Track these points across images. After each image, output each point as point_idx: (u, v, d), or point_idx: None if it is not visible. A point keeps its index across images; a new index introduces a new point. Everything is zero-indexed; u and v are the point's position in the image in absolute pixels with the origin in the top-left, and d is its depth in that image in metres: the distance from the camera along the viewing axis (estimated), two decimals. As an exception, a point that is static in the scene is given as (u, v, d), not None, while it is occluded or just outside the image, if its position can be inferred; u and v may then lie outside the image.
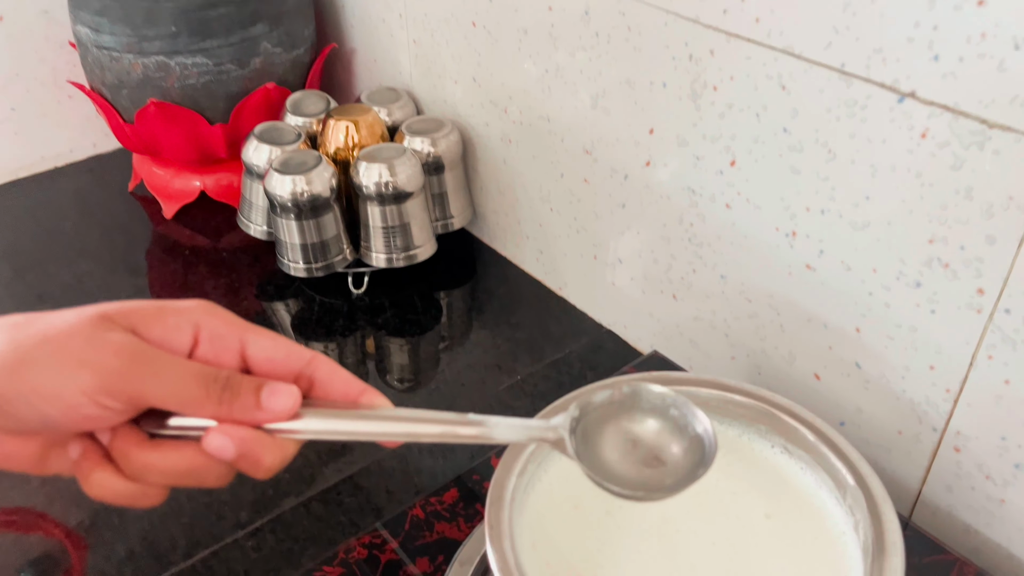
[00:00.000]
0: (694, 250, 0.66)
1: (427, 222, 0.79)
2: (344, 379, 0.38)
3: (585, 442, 0.39)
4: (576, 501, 0.45)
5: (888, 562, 0.37)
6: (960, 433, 0.54)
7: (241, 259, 0.88)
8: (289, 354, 0.37)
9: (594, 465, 0.38)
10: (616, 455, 0.39)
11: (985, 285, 0.49)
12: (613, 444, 0.39)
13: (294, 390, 0.36)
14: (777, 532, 0.43)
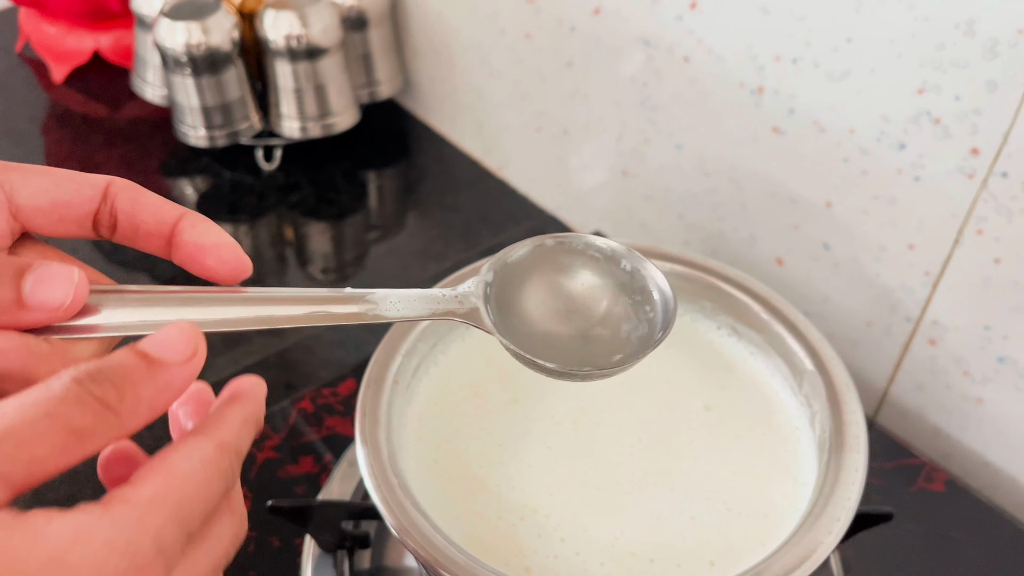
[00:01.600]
0: (647, 115, 0.57)
1: (347, 86, 0.69)
2: (153, 206, 0.28)
3: (504, 313, 0.29)
4: (477, 388, 0.37)
5: (847, 458, 0.30)
6: (937, 323, 0.47)
7: (141, 130, 0.77)
8: (78, 192, 0.27)
9: (518, 340, 0.28)
10: (544, 326, 0.29)
11: (980, 144, 0.41)
12: (539, 313, 0.29)
13: (71, 273, 0.25)
14: (718, 425, 0.35)
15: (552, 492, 0.33)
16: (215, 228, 0.28)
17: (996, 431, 0.47)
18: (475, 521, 0.32)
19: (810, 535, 0.28)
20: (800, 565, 0.28)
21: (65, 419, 0.19)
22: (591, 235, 0.30)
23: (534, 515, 0.32)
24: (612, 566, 0.30)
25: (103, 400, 0.20)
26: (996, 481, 0.48)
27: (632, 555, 0.31)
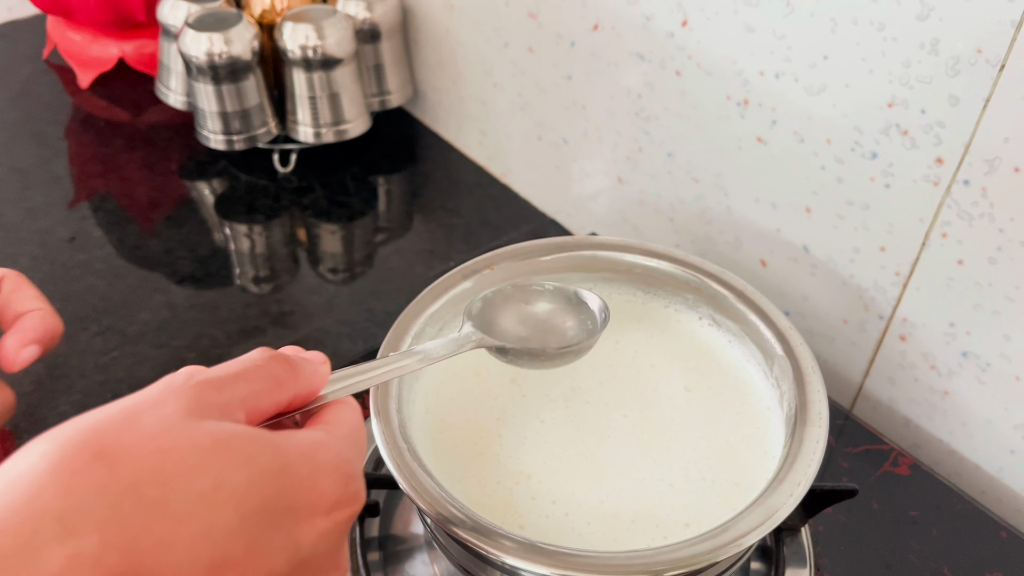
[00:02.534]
0: (641, 125, 0.60)
1: (359, 95, 0.73)
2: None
3: (490, 328, 0.37)
4: (479, 368, 0.40)
5: (809, 432, 0.33)
6: (907, 320, 0.50)
7: (162, 134, 0.81)
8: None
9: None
10: (519, 334, 0.38)
11: (944, 154, 0.45)
12: (515, 331, 0.38)
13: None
14: (696, 405, 0.39)
15: (545, 461, 0.36)
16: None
17: (960, 421, 0.50)
18: (476, 485, 0.35)
19: (773, 498, 0.32)
20: (763, 523, 0.31)
21: (270, 369, 0.26)
22: (538, 279, 0.40)
23: (528, 480, 0.36)
24: (597, 525, 0.34)
25: (287, 363, 0.27)
26: (960, 469, 0.51)
27: (615, 516, 0.34)
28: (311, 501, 0.24)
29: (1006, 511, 0.50)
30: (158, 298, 0.65)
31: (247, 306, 0.65)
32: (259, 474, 0.23)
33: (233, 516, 0.22)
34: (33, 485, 0.20)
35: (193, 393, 0.24)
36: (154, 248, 0.69)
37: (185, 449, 0.22)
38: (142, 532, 0.20)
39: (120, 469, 0.21)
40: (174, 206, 0.74)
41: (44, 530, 0.19)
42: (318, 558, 0.24)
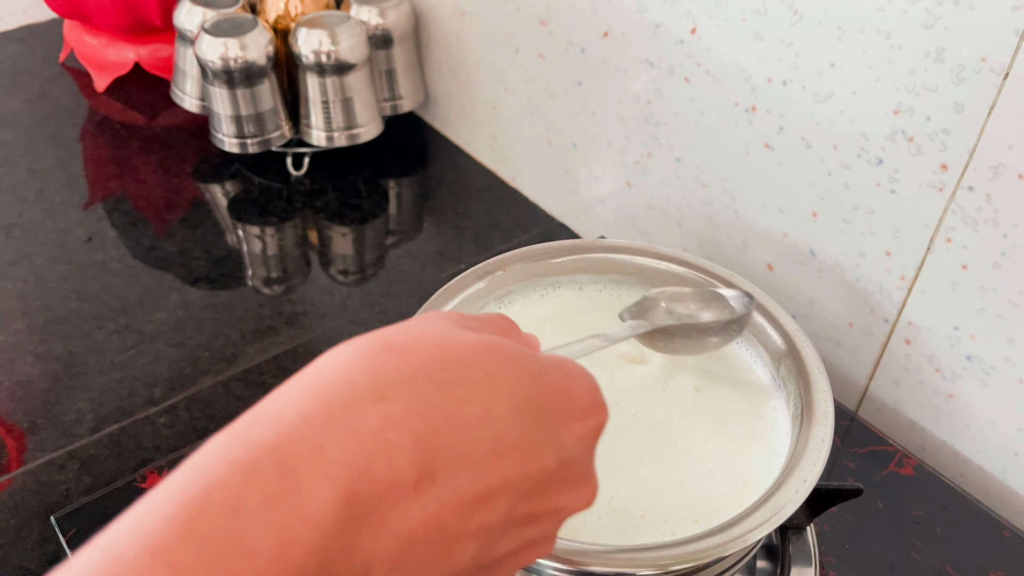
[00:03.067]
0: (650, 131, 0.61)
1: (372, 99, 0.74)
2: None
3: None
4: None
5: (815, 431, 0.34)
6: (912, 324, 0.51)
7: (177, 137, 0.82)
8: None
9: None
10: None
11: (949, 160, 0.46)
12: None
13: None
14: (705, 404, 0.40)
15: None
16: None
17: (964, 424, 0.51)
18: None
19: (779, 494, 0.33)
20: (769, 519, 0.32)
21: (499, 323, 0.29)
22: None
23: None
24: (608, 520, 0.35)
25: (512, 323, 0.30)
26: (965, 470, 0.52)
27: (625, 512, 0.35)
28: (567, 404, 0.26)
29: (1010, 512, 0.50)
30: (174, 298, 0.66)
31: (260, 306, 0.66)
32: (523, 371, 0.25)
33: (507, 405, 0.24)
34: (343, 365, 0.23)
35: (454, 316, 0.27)
36: (169, 249, 0.70)
37: (459, 345, 0.24)
38: (436, 406, 0.23)
39: (409, 356, 0.23)
40: (189, 208, 0.75)
41: (360, 395, 0.22)
42: (576, 462, 0.25)
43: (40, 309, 0.65)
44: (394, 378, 0.23)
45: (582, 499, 0.26)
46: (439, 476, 0.22)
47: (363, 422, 0.22)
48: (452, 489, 0.22)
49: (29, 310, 0.64)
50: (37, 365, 0.60)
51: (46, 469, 0.53)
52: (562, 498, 0.25)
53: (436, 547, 0.22)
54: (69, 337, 0.62)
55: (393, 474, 0.21)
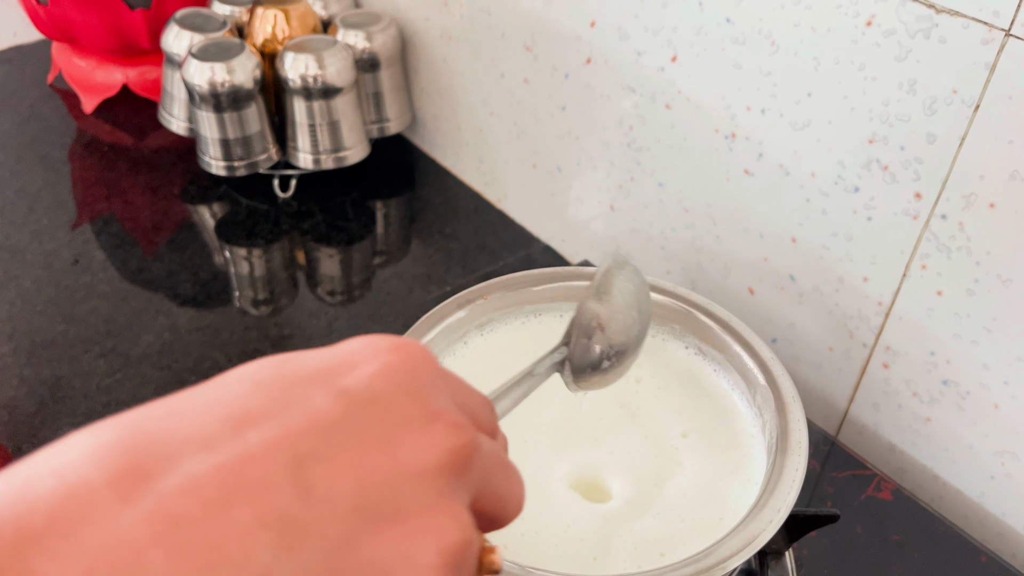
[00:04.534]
0: (633, 156, 0.62)
1: (359, 123, 0.75)
2: None
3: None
4: (482, 379, 0.42)
5: (789, 460, 0.35)
6: (890, 348, 0.52)
7: (165, 159, 0.83)
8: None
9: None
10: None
11: (923, 189, 0.46)
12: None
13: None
14: (681, 432, 0.40)
15: None
16: None
17: (942, 448, 0.52)
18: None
19: (754, 523, 0.33)
20: (744, 547, 0.32)
21: (471, 395, 0.24)
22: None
23: None
24: (565, 548, 0.35)
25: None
26: (944, 493, 0.53)
27: (581, 541, 0.35)
28: (342, 360, 0.21)
29: (988, 535, 0.51)
30: (161, 321, 0.66)
31: (247, 329, 0.66)
32: (274, 361, 0.21)
33: (248, 381, 0.19)
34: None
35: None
36: (157, 271, 0.71)
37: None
38: (146, 411, 0.19)
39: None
40: (176, 230, 0.75)
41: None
42: (387, 399, 0.20)
43: (27, 332, 0.65)
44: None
45: (439, 440, 0.20)
46: (155, 471, 0.17)
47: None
48: (182, 477, 0.17)
49: (16, 333, 0.65)
50: (23, 388, 0.60)
51: (30, 494, 0.53)
52: (386, 455, 0.19)
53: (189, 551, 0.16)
54: (56, 360, 0.63)
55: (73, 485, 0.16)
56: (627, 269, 0.37)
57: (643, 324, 0.37)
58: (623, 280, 0.36)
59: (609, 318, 0.35)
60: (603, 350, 0.35)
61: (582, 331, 0.34)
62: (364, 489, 0.18)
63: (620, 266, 0.37)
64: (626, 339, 0.35)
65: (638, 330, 0.36)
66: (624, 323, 0.35)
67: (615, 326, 0.35)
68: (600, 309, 0.35)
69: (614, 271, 0.36)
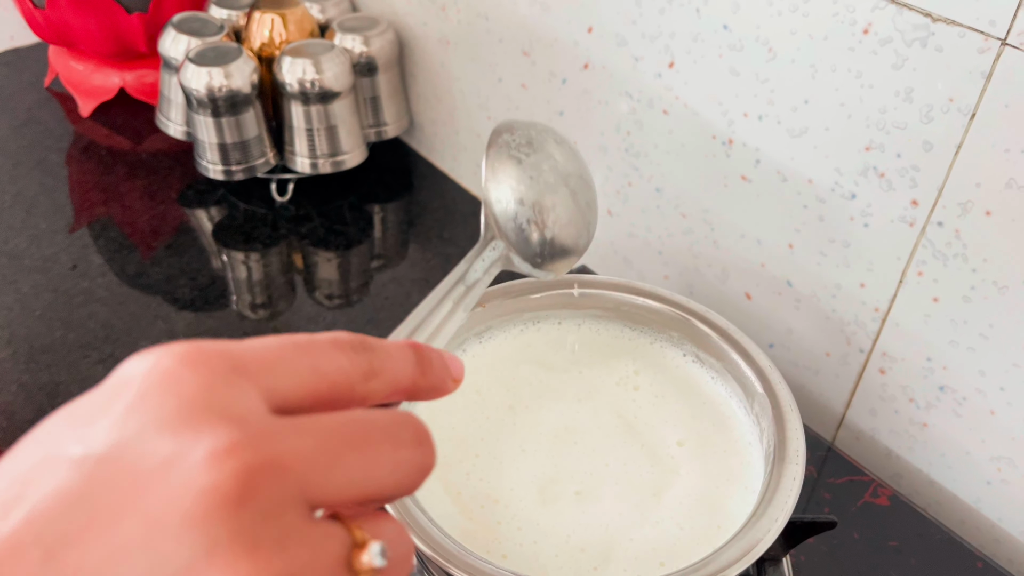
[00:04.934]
0: (631, 161, 0.62)
1: (356, 127, 0.75)
2: None
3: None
4: (480, 387, 0.42)
5: (787, 469, 0.35)
6: (886, 354, 0.52)
7: (162, 162, 0.83)
8: None
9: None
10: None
11: (919, 196, 0.47)
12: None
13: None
14: (680, 440, 0.40)
15: (513, 488, 0.38)
16: None
17: (939, 453, 0.52)
18: (450, 508, 0.36)
19: (752, 533, 0.33)
20: (742, 558, 0.32)
21: (312, 359, 0.20)
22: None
23: (494, 505, 0.37)
24: (565, 559, 0.35)
25: (353, 357, 0.21)
26: (940, 498, 0.53)
27: (581, 551, 0.35)
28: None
29: (984, 540, 0.51)
30: (160, 325, 0.66)
31: (246, 334, 0.66)
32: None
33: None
34: None
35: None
36: (155, 276, 0.71)
37: None
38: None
39: None
40: (174, 234, 0.75)
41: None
42: (134, 443, 0.18)
43: (25, 337, 0.65)
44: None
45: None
46: None
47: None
48: None
49: (14, 338, 0.65)
50: (21, 394, 0.60)
51: (29, 501, 0.53)
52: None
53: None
54: (54, 366, 0.63)
55: None
56: (517, 125, 0.32)
57: (570, 171, 0.31)
58: (520, 137, 0.31)
59: (525, 182, 0.31)
60: (537, 222, 0.31)
61: (503, 213, 0.30)
62: (119, 565, 0.16)
63: (508, 126, 0.31)
64: (556, 197, 0.30)
65: (563, 180, 0.31)
66: (545, 180, 0.31)
67: (537, 188, 0.30)
68: (509, 177, 0.30)
69: (506, 134, 0.31)
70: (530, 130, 0.33)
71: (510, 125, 0.33)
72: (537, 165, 0.32)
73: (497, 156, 0.31)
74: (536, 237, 0.31)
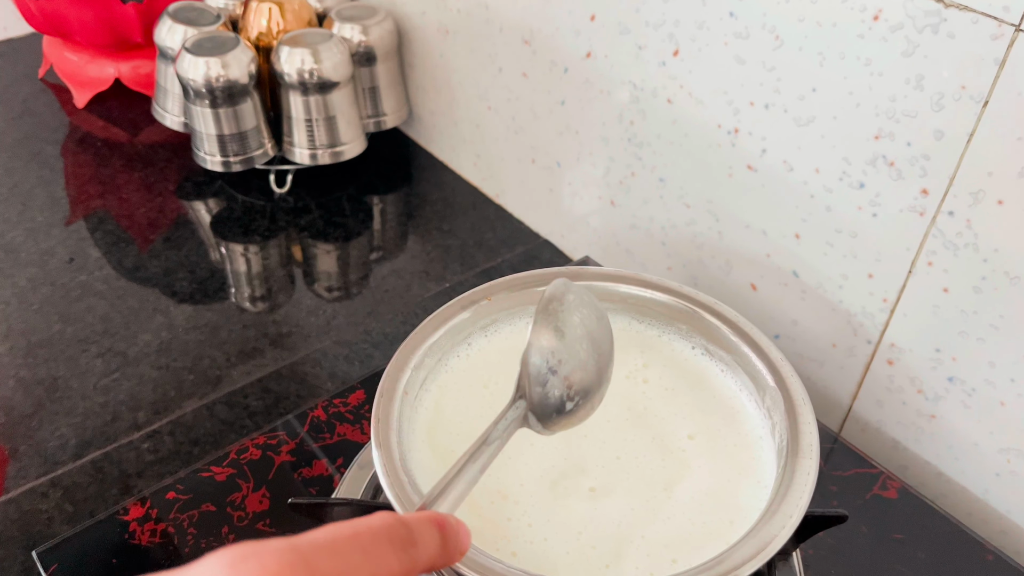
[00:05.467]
0: (634, 151, 0.62)
1: (355, 117, 0.74)
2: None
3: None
4: (487, 381, 0.42)
5: (801, 464, 0.34)
6: (894, 345, 0.52)
7: (159, 154, 0.82)
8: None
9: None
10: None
11: (930, 185, 0.46)
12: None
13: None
14: (691, 435, 0.40)
15: (523, 483, 0.37)
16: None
17: (947, 445, 0.51)
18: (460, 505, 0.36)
19: (766, 530, 0.33)
20: (756, 555, 0.32)
21: (372, 565, 0.25)
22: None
23: (503, 501, 0.36)
24: (576, 556, 0.35)
25: (400, 540, 0.26)
26: (948, 490, 0.53)
27: (592, 548, 0.35)
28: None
29: (991, 532, 0.51)
30: (158, 319, 0.65)
31: (245, 327, 0.65)
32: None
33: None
34: None
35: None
36: (153, 269, 0.70)
37: None
38: None
39: None
40: (172, 227, 0.74)
41: None
42: None
43: (23, 332, 0.64)
44: None
45: None
46: None
47: None
48: None
49: (11, 333, 0.64)
50: (19, 389, 0.60)
51: (28, 497, 0.53)
52: None
53: None
54: (52, 360, 0.62)
55: None
56: (570, 296, 0.36)
57: (601, 352, 0.36)
58: (567, 310, 0.35)
59: (561, 356, 0.34)
60: (562, 393, 0.34)
61: (535, 378, 0.34)
62: None
63: (560, 296, 0.36)
64: (584, 374, 0.35)
65: (596, 360, 0.35)
66: (579, 358, 0.35)
67: (570, 363, 0.34)
68: (548, 348, 0.34)
69: (555, 303, 0.35)
70: (577, 303, 0.36)
71: (561, 294, 0.36)
72: (577, 341, 0.35)
73: (543, 323, 0.35)
74: (557, 405, 0.35)
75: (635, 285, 0.44)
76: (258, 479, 0.47)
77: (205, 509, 0.46)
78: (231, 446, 0.49)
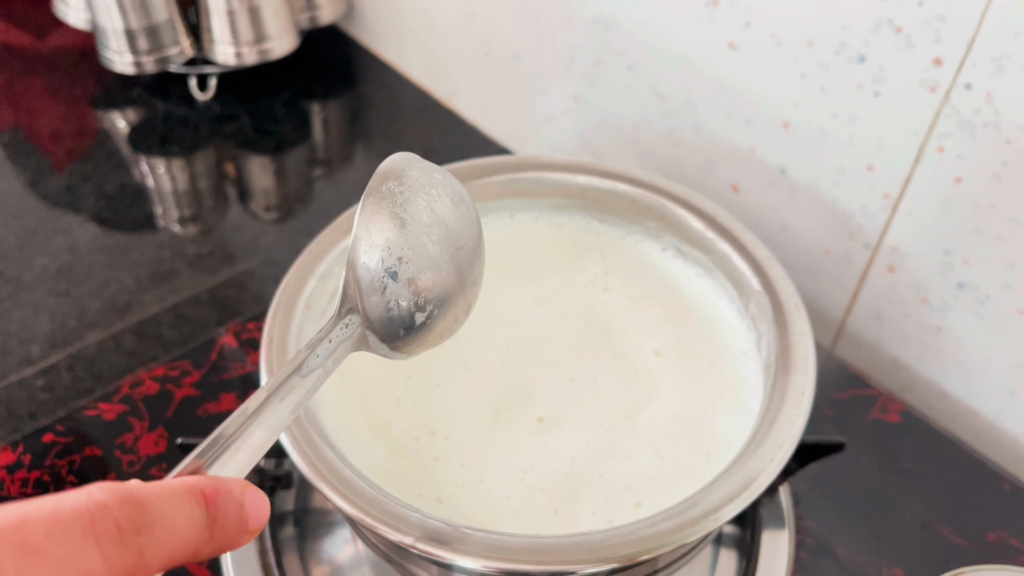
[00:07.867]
0: (599, 34, 0.53)
1: (284, 8, 0.65)
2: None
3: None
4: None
5: (793, 381, 0.28)
6: (896, 249, 0.45)
7: (67, 59, 0.72)
8: None
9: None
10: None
11: (944, 53, 0.38)
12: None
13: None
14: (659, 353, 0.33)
15: (455, 415, 0.30)
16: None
17: (955, 361, 0.45)
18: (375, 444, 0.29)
19: (750, 463, 0.26)
20: (738, 495, 0.25)
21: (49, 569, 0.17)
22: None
23: (431, 437, 0.30)
24: (519, 500, 0.28)
25: (111, 554, 0.18)
26: (954, 412, 0.47)
27: (540, 491, 0.28)
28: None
29: (1005, 458, 0.45)
30: (58, 240, 0.57)
31: (160, 248, 0.57)
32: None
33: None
34: None
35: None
36: (54, 185, 0.61)
37: None
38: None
39: None
40: (79, 138, 0.66)
41: None
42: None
43: (-99, 258, 0.56)
44: None
45: None
46: None
47: None
48: None
49: None
50: None
51: (-99, 444, 0.46)
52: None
53: None
54: (-66, 289, 0.54)
55: None
56: (414, 172, 0.26)
57: (461, 244, 0.26)
58: (411, 191, 0.25)
59: (401, 253, 0.25)
60: (408, 302, 0.25)
61: (368, 286, 0.24)
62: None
63: (399, 172, 0.26)
64: (437, 275, 0.25)
65: (452, 255, 0.25)
66: (427, 254, 0.25)
67: (416, 262, 0.25)
68: (383, 243, 0.24)
69: (392, 181, 0.25)
70: (424, 182, 0.25)
71: (400, 169, 0.25)
72: (423, 230, 0.25)
73: (375, 209, 0.25)
74: (404, 319, 0.25)
75: (593, 175, 0.36)
76: (154, 417, 0.40)
77: (89, 454, 0.39)
78: (123, 379, 0.41)
